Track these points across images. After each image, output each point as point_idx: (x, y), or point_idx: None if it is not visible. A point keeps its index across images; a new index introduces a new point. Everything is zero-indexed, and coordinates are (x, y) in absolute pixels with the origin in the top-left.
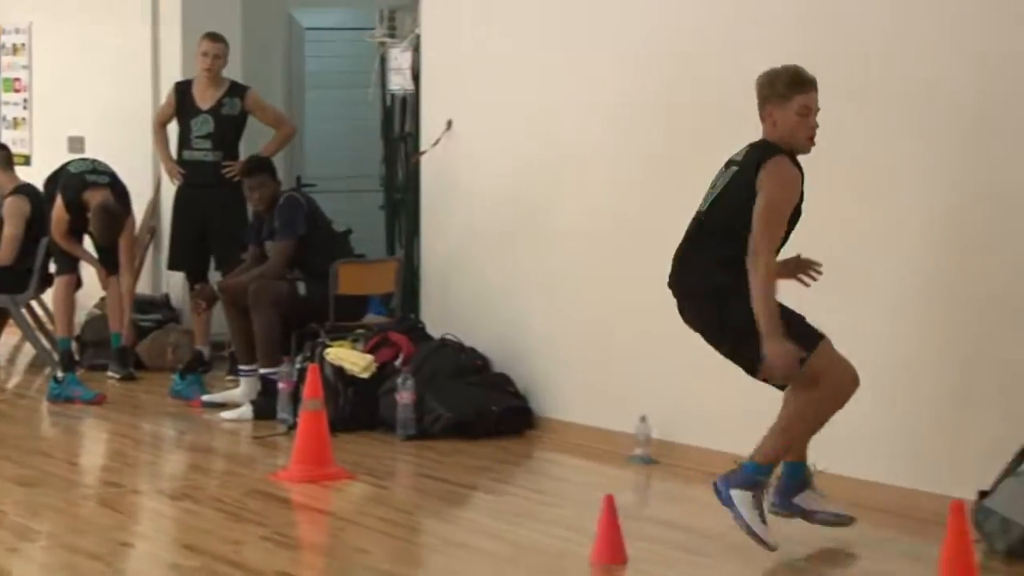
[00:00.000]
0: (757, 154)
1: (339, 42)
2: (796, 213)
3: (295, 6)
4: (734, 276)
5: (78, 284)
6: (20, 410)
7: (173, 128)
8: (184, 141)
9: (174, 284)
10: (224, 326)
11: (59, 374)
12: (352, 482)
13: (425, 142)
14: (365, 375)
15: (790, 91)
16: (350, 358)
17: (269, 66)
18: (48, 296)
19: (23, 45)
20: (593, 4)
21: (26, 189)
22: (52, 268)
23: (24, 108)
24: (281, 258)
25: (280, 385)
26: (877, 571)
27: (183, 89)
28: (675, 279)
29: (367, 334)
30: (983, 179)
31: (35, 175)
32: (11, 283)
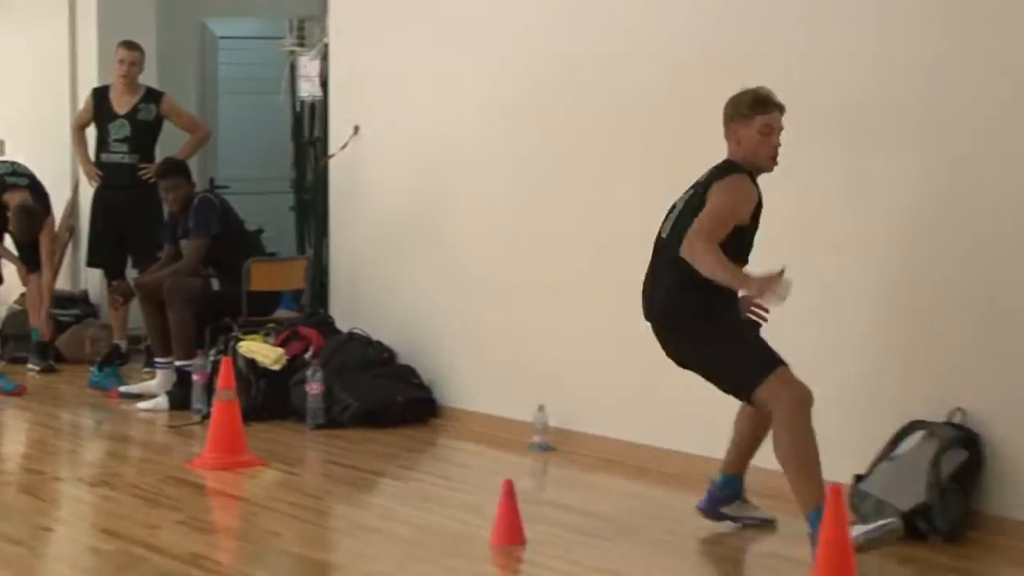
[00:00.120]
0: (717, 172)
1: (251, 50)
2: (749, 237)
3: (209, 15)
4: (700, 297)
5: None
6: None
7: (91, 132)
8: (102, 144)
9: (92, 281)
10: (140, 321)
11: None
12: (264, 469)
13: (333, 146)
14: (276, 367)
15: (752, 111)
16: (262, 351)
17: (184, 73)
18: None
19: None
20: (490, 11)
21: None
22: None
23: None
24: (195, 256)
25: (195, 377)
26: (760, 552)
27: (101, 95)
28: (646, 307)
29: (278, 328)
30: (943, 182)
31: None
32: None
